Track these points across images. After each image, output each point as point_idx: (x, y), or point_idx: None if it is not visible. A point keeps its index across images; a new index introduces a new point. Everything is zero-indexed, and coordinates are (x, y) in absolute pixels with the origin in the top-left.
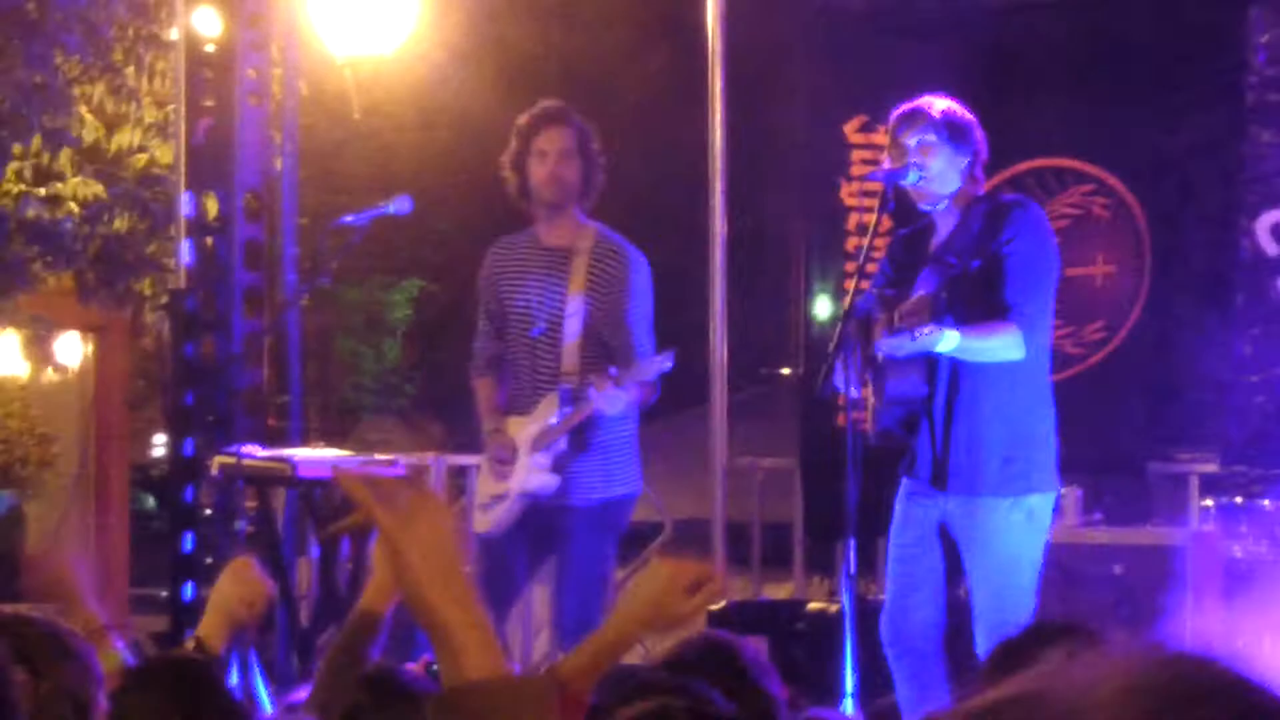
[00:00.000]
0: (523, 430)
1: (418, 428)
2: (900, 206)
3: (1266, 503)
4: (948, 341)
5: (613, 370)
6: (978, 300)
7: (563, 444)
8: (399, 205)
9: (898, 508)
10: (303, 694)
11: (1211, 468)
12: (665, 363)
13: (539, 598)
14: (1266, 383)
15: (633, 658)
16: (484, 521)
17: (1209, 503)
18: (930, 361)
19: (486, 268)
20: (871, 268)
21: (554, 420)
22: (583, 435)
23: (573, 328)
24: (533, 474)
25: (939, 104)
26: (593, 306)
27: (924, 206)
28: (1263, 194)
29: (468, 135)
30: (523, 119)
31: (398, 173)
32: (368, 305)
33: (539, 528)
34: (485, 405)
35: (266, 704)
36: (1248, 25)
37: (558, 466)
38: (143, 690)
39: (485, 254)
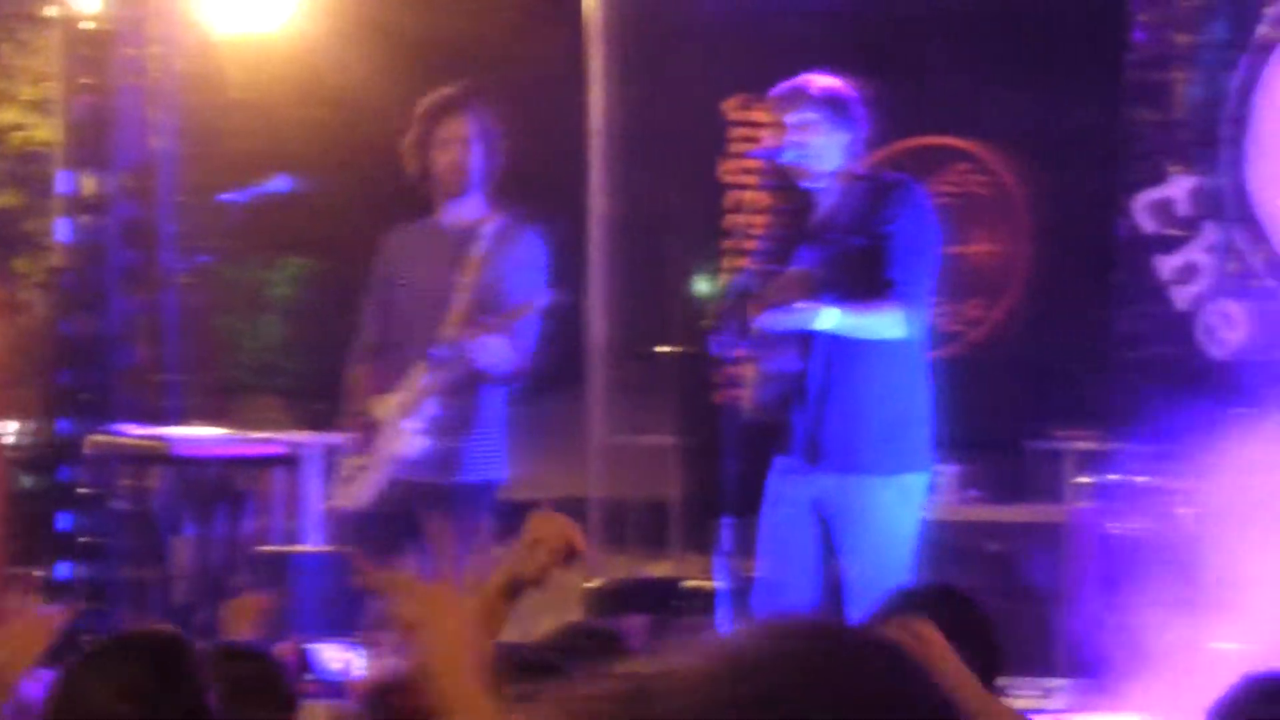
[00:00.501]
0: (392, 401)
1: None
2: (781, 184)
3: (1142, 479)
4: (826, 318)
5: (481, 318)
6: (860, 278)
7: (435, 409)
8: (277, 184)
9: (771, 485)
10: None
11: (1089, 445)
12: (540, 301)
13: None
14: (1144, 360)
15: (513, 636)
16: (344, 495)
17: (1086, 480)
18: (807, 338)
19: (385, 254)
20: (751, 245)
21: (423, 382)
22: (459, 410)
23: (459, 303)
24: (400, 438)
25: (820, 81)
26: (483, 285)
27: (804, 184)
28: (1142, 172)
29: (349, 113)
30: (424, 106)
31: (279, 151)
32: (248, 284)
33: (409, 505)
34: (355, 388)
35: None
36: (1128, 4)
37: (429, 432)
38: (110, 664)
39: (383, 239)
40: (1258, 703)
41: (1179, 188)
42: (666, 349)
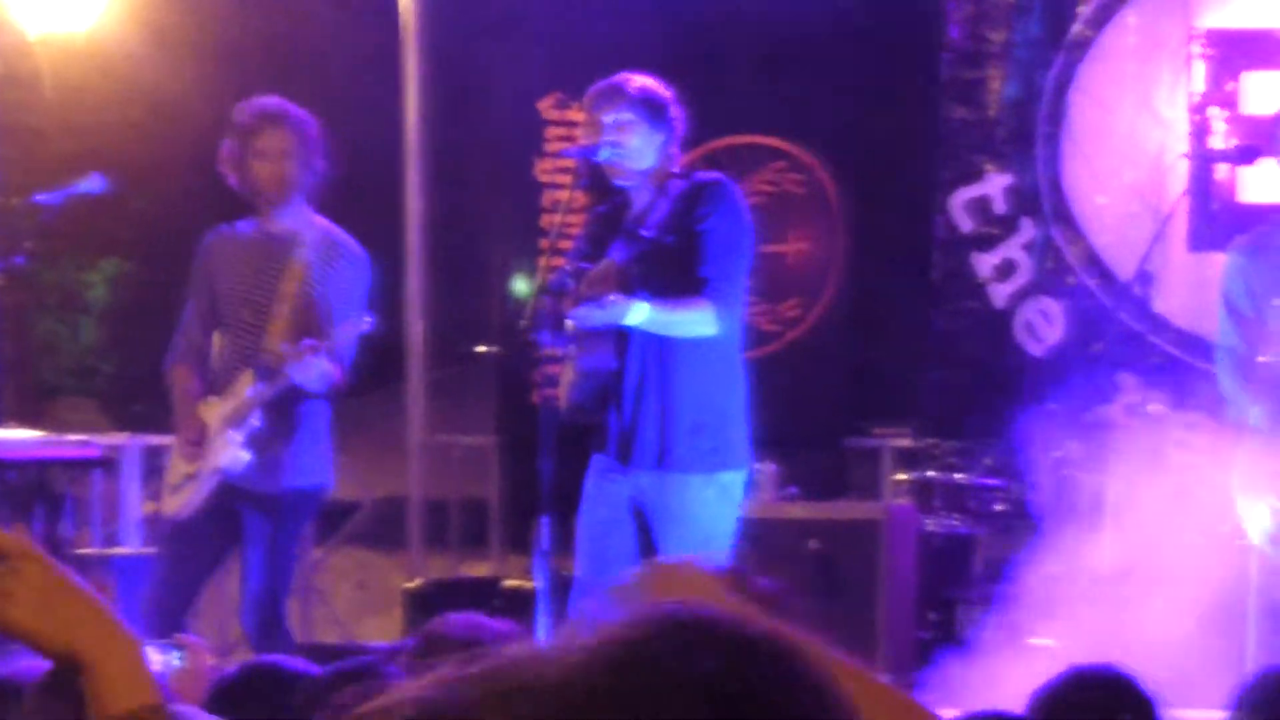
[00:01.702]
0: (218, 408)
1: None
2: (596, 183)
3: (959, 476)
4: (637, 313)
5: (307, 341)
6: (673, 275)
7: (258, 421)
8: (91, 184)
9: (588, 484)
10: None
11: (906, 442)
12: (362, 325)
13: (233, 580)
14: (959, 357)
15: (333, 638)
16: (174, 503)
17: (904, 476)
18: (622, 335)
19: (204, 255)
20: (566, 244)
21: (249, 393)
22: (282, 419)
23: (280, 313)
24: (225, 450)
25: (636, 81)
26: (303, 297)
27: (619, 183)
28: (958, 171)
29: (164, 113)
30: (241, 117)
31: (96, 151)
32: (64, 286)
33: (232, 510)
34: (179, 391)
35: None
36: (943, 1)
37: (252, 444)
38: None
39: (202, 240)
40: (1081, 692)
41: (995, 185)
42: (485, 348)
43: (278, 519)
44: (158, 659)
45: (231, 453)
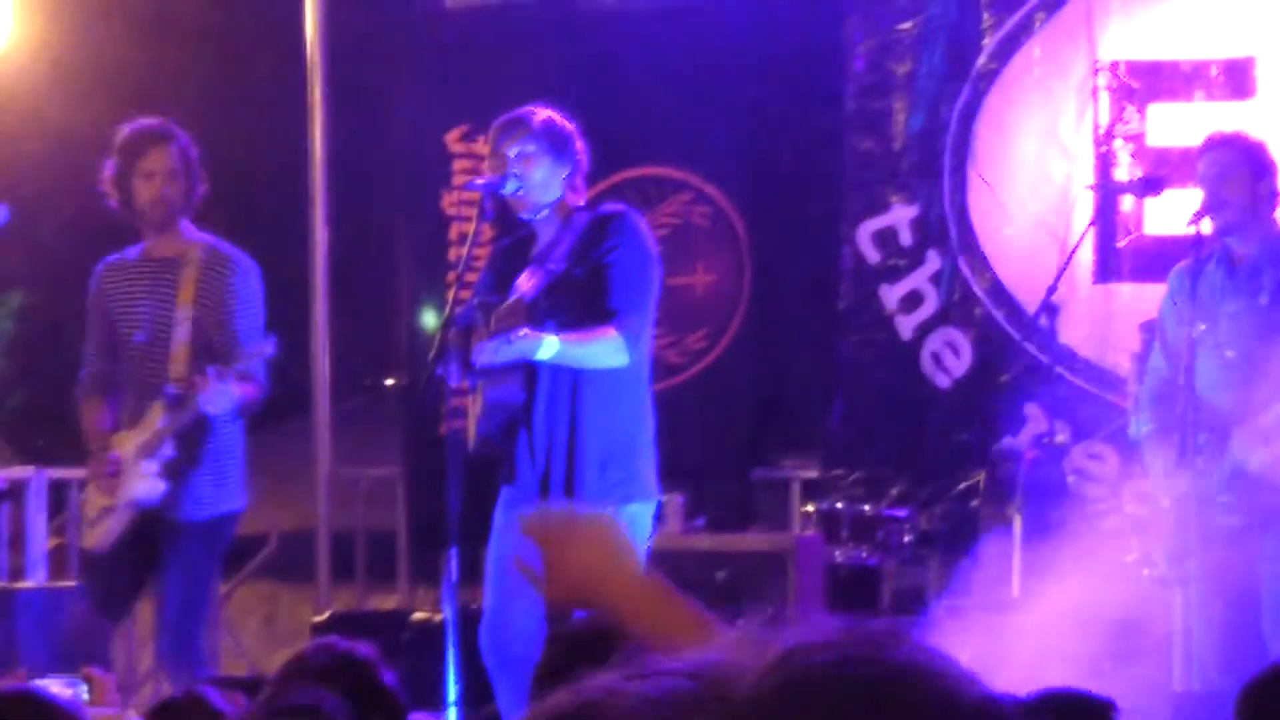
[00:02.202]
0: (131, 440)
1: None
2: (501, 216)
3: (866, 507)
4: (547, 347)
5: (211, 370)
6: (580, 308)
7: (171, 451)
8: None
9: (497, 517)
10: None
11: (814, 473)
12: (266, 348)
13: (144, 610)
14: (867, 389)
15: (241, 669)
16: (92, 536)
17: (812, 508)
18: (530, 368)
19: (95, 286)
20: (472, 277)
21: (160, 424)
22: (193, 446)
23: (180, 335)
24: (140, 481)
25: (540, 114)
26: (201, 315)
27: (524, 216)
28: (864, 201)
29: (69, 146)
30: (124, 138)
31: None
32: None
33: (148, 540)
34: (90, 424)
35: None
36: (847, 33)
37: (166, 473)
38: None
39: (93, 272)
40: None
41: (901, 217)
42: (391, 381)
43: (193, 546)
44: (65, 692)
45: (147, 484)
